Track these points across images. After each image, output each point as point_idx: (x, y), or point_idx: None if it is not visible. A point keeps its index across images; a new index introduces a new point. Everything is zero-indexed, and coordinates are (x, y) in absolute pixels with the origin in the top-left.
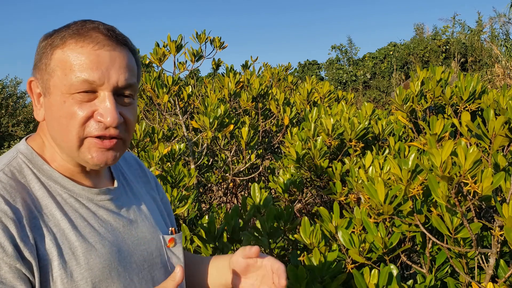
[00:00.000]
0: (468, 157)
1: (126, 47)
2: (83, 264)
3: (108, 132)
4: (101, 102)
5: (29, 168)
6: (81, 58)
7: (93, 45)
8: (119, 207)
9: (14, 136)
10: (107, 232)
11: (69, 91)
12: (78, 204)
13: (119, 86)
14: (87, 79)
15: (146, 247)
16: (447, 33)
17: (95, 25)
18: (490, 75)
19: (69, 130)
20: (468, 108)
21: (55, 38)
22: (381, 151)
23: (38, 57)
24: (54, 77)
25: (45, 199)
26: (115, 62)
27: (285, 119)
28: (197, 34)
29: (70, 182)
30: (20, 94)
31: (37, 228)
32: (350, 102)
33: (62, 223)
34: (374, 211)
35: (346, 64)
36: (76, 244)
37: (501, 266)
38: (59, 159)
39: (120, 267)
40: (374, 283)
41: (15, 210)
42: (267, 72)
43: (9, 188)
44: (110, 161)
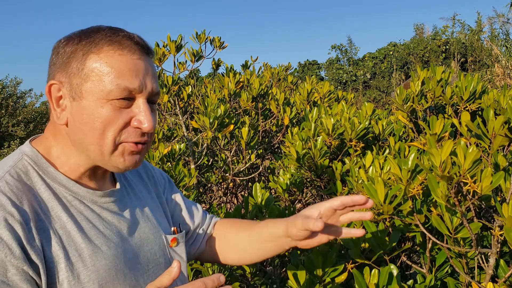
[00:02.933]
0: (467, 157)
1: (152, 56)
2: (89, 266)
3: (143, 138)
4: (138, 108)
5: (34, 170)
6: (120, 65)
7: (131, 54)
8: (122, 209)
9: (14, 136)
10: (112, 233)
11: (107, 97)
12: (82, 206)
13: (153, 93)
14: (128, 86)
15: (149, 247)
16: (447, 33)
17: (128, 34)
18: (490, 75)
19: (106, 136)
20: (468, 108)
21: (88, 43)
22: (381, 151)
23: (65, 60)
24: (89, 82)
25: (51, 201)
26: (149, 71)
27: (285, 119)
28: (197, 34)
29: (75, 185)
30: (20, 94)
31: (43, 231)
32: (350, 102)
33: (68, 225)
34: (374, 211)
35: (346, 64)
36: (83, 246)
37: (501, 266)
38: (70, 162)
39: (126, 269)
40: (374, 283)
41: (22, 212)
42: (267, 72)
43: (15, 190)
44: (138, 164)
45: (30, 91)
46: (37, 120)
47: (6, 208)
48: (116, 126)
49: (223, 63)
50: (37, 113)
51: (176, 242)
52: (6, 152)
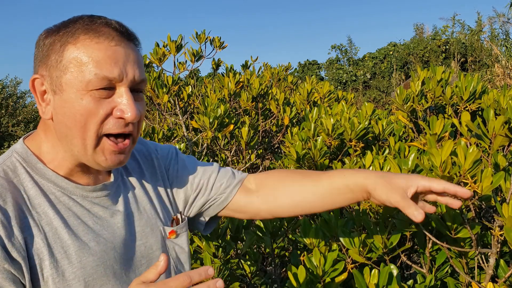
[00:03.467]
0: (467, 157)
1: (134, 42)
2: (75, 262)
3: (127, 129)
4: (120, 97)
5: (23, 167)
6: (98, 54)
7: (109, 41)
8: (115, 202)
9: (14, 136)
10: (102, 229)
11: (86, 88)
12: (71, 202)
13: (136, 80)
14: (107, 75)
15: (144, 241)
16: (447, 33)
17: (106, 21)
18: (490, 75)
19: (87, 128)
20: (468, 108)
21: (65, 34)
22: (381, 151)
23: (44, 53)
24: (67, 74)
25: (38, 198)
26: (129, 57)
27: (285, 119)
28: (197, 34)
29: (64, 180)
30: (20, 94)
31: (27, 228)
32: (350, 102)
33: (54, 221)
34: (374, 211)
35: (346, 64)
36: (69, 242)
37: (501, 266)
38: (59, 157)
39: (116, 264)
40: (374, 283)
41: (3, 211)
42: (267, 72)
43: (0, 188)
44: (123, 162)
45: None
46: (37, 120)
47: None
48: (97, 117)
49: (223, 63)
50: (37, 113)
51: (175, 234)
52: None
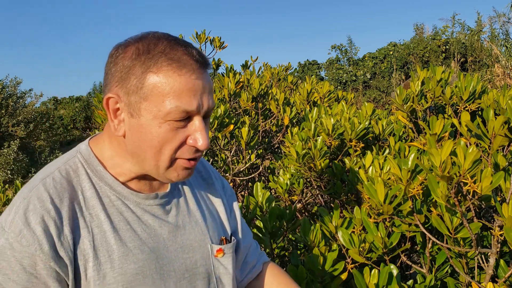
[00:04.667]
0: (467, 157)
1: (208, 70)
2: (117, 268)
3: (198, 154)
4: (194, 128)
5: (84, 168)
6: (179, 86)
7: (190, 74)
8: (167, 212)
9: (14, 136)
10: (149, 237)
11: (165, 118)
12: (124, 207)
13: (209, 110)
14: (186, 109)
15: (190, 255)
16: (447, 33)
17: (187, 50)
18: (490, 75)
19: (163, 153)
20: (468, 108)
21: (146, 60)
22: (381, 151)
23: (123, 75)
24: (147, 101)
25: (93, 200)
26: (206, 88)
27: (285, 119)
28: (197, 34)
29: (120, 185)
30: (20, 94)
31: (77, 229)
32: (350, 102)
33: (104, 224)
34: (374, 211)
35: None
36: (114, 247)
37: (501, 266)
38: (124, 167)
39: (156, 274)
40: (374, 283)
41: (58, 210)
42: (267, 72)
43: (59, 187)
44: (190, 176)
45: (30, 91)
46: (37, 120)
47: (45, 205)
48: (172, 144)
49: (223, 63)
50: (37, 113)
51: (222, 252)
52: (6, 152)
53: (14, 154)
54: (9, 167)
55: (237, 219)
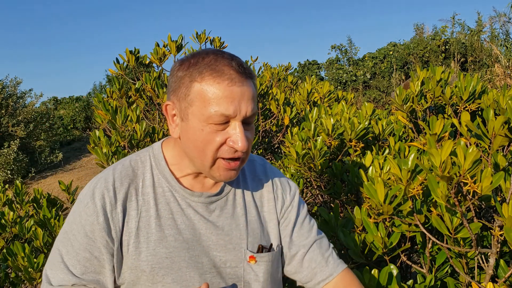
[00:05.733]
0: (467, 157)
1: (251, 79)
2: (150, 249)
3: (237, 154)
4: (233, 130)
5: (150, 161)
6: (218, 93)
7: (228, 82)
8: (210, 211)
9: (14, 136)
10: (186, 229)
11: (206, 121)
12: (172, 199)
13: (247, 116)
14: (224, 113)
15: (221, 254)
16: (447, 33)
17: (228, 61)
18: (490, 75)
19: (205, 153)
20: (468, 108)
21: (193, 71)
22: (381, 151)
23: (177, 85)
24: (193, 106)
25: (148, 188)
26: (244, 95)
27: (285, 119)
28: (197, 34)
29: (174, 180)
30: (20, 94)
31: (130, 209)
32: (350, 102)
33: (151, 210)
34: (374, 211)
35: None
36: (154, 231)
37: (501, 266)
38: (182, 165)
39: (183, 262)
40: (374, 283)
41: (115, 193)
42: (267, 72)
43: (124, 173)
44: (233, 177)
45: (30, 91)
46: (37, 120)
47: (108, 185)
48: (214, 145)
49: None
50: (37, 113)
51: (255, 260)
52: (6, 152)
53: (14, 154)
54: (9, 167)
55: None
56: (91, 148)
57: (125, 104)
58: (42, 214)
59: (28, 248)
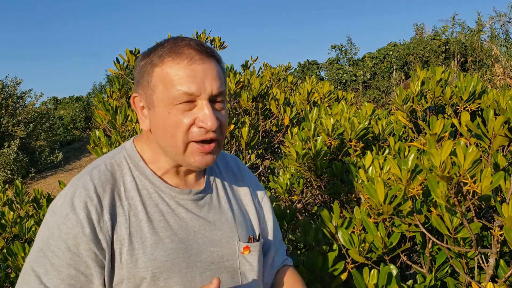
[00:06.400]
0: (467, 157)
1: (214, 58)
2: (148, 254)
3: (208, 135)
4: (200, 110)
5: (127, 163)
6: (178, 73)
7: (188, 61)
8: (200, 207)
9: (14, 136)
10: (180, 228)
11: (172, 103)
12: (160, 200)
13: (213, 94)
14: (187, 91)
15: (217, 249)
16: (447, 33)
17: (186, 42)
18: (490, 75)
19: (176, 137)
20: (468, 108)
21: (153, 57)
22: (381, 151)
23: (140, 75)
24: (157, 92)
25: (132, 191)
26: (208, 73)
27: (285, 119)
28: (197, 34)
29: (158, 180)
30: (20, 94)
31: (117, 216)
32: (350, 102)
33: (140, 214)
34: (374, 211)
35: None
36: (148, 235)
37: (501, 266)
38: (159, 160)
39: (183, 263)
40: (374, 283)
41: (100, 198)
42: (267, 72)
43: (103, 179)
44: (210, 163)
45: (30, 91)
46: (37, 120)
47: (89, 193)
48: (182, 127)
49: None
50: (37, 113)
51: (249, 250)
52: (6, 152)
53: (14, 154)
54: (9, 167)
55: (268, 221)
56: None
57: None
58: (42, 214)
59: (28, 248)
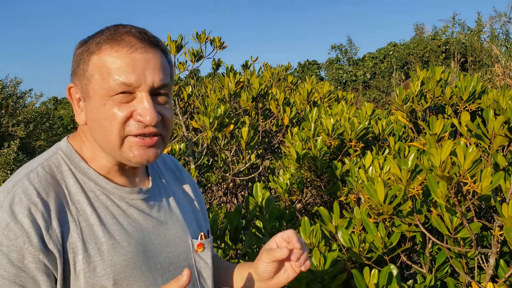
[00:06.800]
0: (467, 157)
1: (158, 48)
2: (107, 260)
3: (148, 130)
4: (139, 102)
5: (66, 164)
6: (117, 62)
7: (128, 49)
8: (151, 207)
9: (14, 136)
10: (135, 230)
11: (108, 94)
12: (109, 202)
13: (155, 86)
14: (125, 81)
15: (173, 249)
16: (447, 33)
17: (128, 29)
18: (490, 75)
19: (111, 131)
20: (468, 108)
21: (91, 44)
22: (381, 151)
23: (76, 63)
24: (93, 81)
25: (78, 195)
26: (150, 63)
27: (285, 119)
28: (197, 34)
29: (104, 180)
30: (20, 94)
31: (65, 222)
32: (350, 102)
33: (91, 218)
34: (374, 211)
35: (346, 64)
36: (103, 240)
37: (501, 266)
38: (99, 158)
39: (144, 266)
40: (374, 283)
41: (45, 203)
42: (267, 72)
43: (44, 182)
44: (152, 158)
45: (30, 91)
46: (37, 120)
47: (31, 198)
48: (118, 120)
49: (223, 63)
50: (37, 113)
51: (202, 247)
52: (6, 152)
53: (14, 154)
54: (9, 167)
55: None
56: None
57: None
58: None
59: None
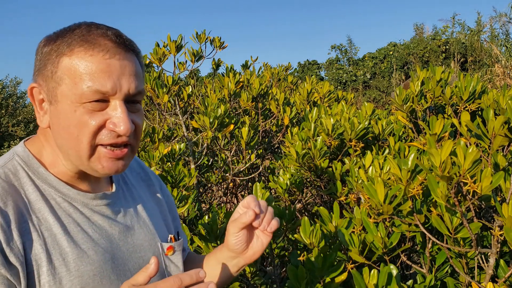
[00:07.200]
0: (467, 157)
1: (133, 53)
2: (73, 271)
3: (120, 139)
4: (113, 111)
5: (24, 171)
6: (91, 67)
7: (103, 54)
8: (116, 213)
9: (14, 136)
10: (101, 238)
11: (79, 100)
12: (72, 209)
13: (131, 93)
14: (100, 89)
15: (142, 254)
16: (447, 33)
17: (103, 31)
18: (490, 75)
19: (80, 140)
20: (468, 108)
21: (61, 44)
22: (381, 151)
23: (42, 63)
24: (62, 85)
25: (38, 203)
26: (125, 70)
27: (285, 119)
28: (197, 34)
29: (65, 186)
30: (20, 94)
31: (26, 233)
32: (350, 102)
33: (54, 227)
34: (374, 211)
35: (346, 64)
36: (68, 250)
37: (501, 266)
38: (59, 164)
39: (113, 275)
40: (374, 283)
41: (4, 214)
42: (267, 72)
43: (1, 191)
44: (121, 169)
45: None
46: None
47: None
48: (90, 128)
49: (223, 63)
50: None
51: (173, 250)
52: (6, 152)
53: None
54: None
55: (173, 206)
56: None
57: None
58: None
59: None
